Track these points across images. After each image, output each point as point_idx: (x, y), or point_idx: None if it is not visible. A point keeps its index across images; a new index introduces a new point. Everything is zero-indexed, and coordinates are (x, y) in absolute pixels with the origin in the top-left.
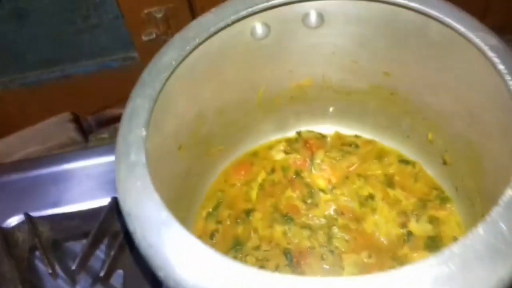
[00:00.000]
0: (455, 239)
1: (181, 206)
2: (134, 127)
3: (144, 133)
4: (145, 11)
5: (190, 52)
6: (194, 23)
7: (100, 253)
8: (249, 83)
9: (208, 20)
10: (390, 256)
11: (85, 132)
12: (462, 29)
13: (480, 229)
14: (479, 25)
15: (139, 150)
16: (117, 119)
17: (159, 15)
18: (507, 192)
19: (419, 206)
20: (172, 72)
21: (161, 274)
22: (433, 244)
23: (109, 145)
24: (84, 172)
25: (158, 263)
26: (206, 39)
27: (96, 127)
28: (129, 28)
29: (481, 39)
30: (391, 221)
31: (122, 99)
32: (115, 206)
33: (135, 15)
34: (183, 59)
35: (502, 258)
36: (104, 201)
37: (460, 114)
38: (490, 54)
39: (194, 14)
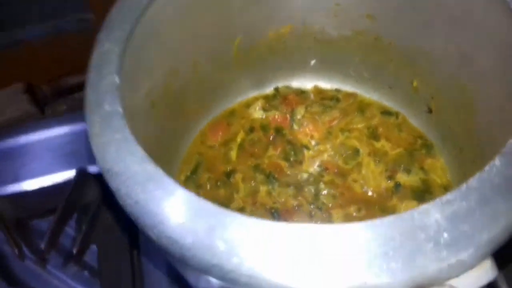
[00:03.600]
0: (443, 187)
1: None
2: (105, 73)
3: (117, 80)
4: None
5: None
6: None
7: (70, 229)
8: (225, 32)
9: None
10: (379, 208)
11: (40, 103)
12: None
13: (497, 161)
14: None
15: (113, 99)
16: (75, 88)
17: None
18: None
19: (405, 156)
20: (142, 13)
21: (153, 232)
22: (421, 193)
23: (67, 115)
24: (43, 145)
25: (147, 222)
26: None
27: (52, 97)
28: None
29: None
30: (378, 174)
31: (79, 66)
32: (82, 178)
33: None
34: (151, 5)
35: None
36: (69, 174)
37: (450, 57)
38: None
39: None
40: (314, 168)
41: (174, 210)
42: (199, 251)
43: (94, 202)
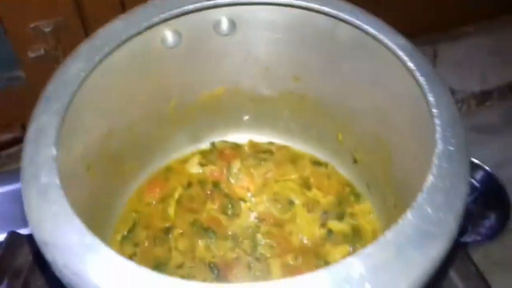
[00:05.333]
0: (373, 231)
1: (94, 233)
2: (42, 146)
3: (54, 152)
4: (31, 25)
5: (99, 62)
6: (102, 31)
7: None
8: (160, 94)
9: (117, 27)
10: (314, 255)
11: None
12: (371, 30)
13: (409, 215)
14: (387, 27)
15: (50, 171)
16: (4, 145)
17: (47, 29)
18: (428, 178)
19: (336, 203)
20: (80, 85)
21: None
22: (353, 238)
23: None
24: None
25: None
26: (116, 47)
27: None
28: (14, 45)
29: (390, 39)
30: (312, 222)
31: (9, 124)
32: (13, 241)
33: (20, 30)
34: (92, 70)
35: (431, 239)
36: None
37: (368, 113)
38: (400, 52)
39: (86, 26)
40: (251, 220)
41: (112, 278)
42: None
43: (25, 265)
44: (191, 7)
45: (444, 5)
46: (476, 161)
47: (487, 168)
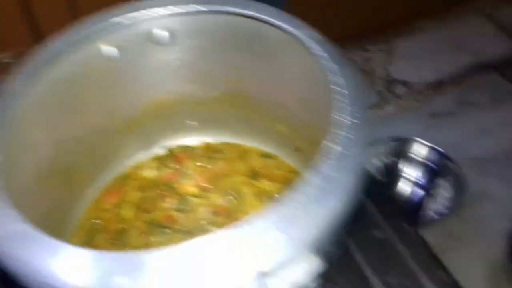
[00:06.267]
0: None
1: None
2: None
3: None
4: None
5: (41, 78)
6: (43, 49)
7: None
8: (105, 107)
9: (57, 45)
10: None
11: None
12: (289, 28)
13: (312, 176)
14: (301, 23)
15: None
16: None
17: (7, 61)
18: (322, 144)
19: (283, 188)
20: (22, 100)
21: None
22: None
23: None
24: None
25: (27, 274)
26: (56, 64)
27: None
28: None
29: (306, 34)
30: (260, 208)
31: None
32: None
33: None
34: (34, 85)
35: (331, 195)
36: None
37: (298, 103)
38: (314, 46)
39: None
40: (205, 214)
41: (53, 262)
42: None
43: None
44: (127, 22)
45: (396, 2)
46: (430, 144)
47: (441, 149)
